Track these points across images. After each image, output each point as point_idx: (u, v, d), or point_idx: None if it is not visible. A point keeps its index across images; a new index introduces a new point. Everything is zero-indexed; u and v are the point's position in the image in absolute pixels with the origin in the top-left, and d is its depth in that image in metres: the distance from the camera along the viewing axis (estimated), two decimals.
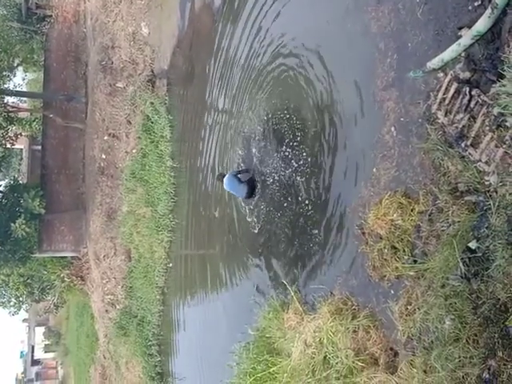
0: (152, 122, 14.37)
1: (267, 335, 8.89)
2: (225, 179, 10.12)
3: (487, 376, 4.61)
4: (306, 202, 8.75)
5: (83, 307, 20.98)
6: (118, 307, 16.96)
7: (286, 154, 9.24)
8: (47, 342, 31.08)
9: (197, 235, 12.91)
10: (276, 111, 9.58)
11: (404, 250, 6.39)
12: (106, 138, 17.58)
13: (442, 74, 5.97)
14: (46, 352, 32.62)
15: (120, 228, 16.34)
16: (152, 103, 14.26)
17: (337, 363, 7.02)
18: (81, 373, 21.93)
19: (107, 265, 17.50)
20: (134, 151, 15.58)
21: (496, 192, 4.96)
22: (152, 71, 14.75)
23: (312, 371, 7.46)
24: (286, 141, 9.23)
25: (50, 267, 20.51)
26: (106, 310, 17.82)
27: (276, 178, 9.61)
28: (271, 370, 8.49)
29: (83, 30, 20.58)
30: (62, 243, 19.39)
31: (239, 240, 11.00)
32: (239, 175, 10.21)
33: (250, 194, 10.06)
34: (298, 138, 8.95)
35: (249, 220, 10.58)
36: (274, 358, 8.51)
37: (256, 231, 10.34)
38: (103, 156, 17.82)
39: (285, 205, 9.33)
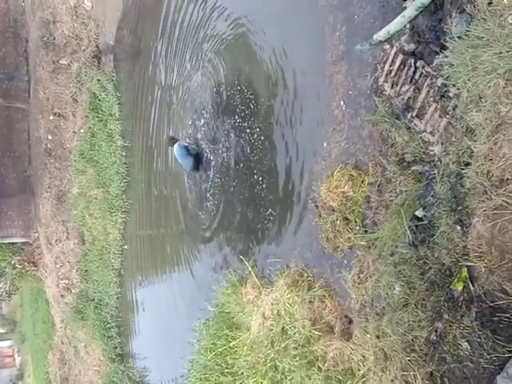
0: (99, 100, 13.87)
1: (226, 311, 8.96)
2: (175, 146, 10.31)
3: (434, 338, 4.84)
4: (260, 178, 8.77)
5: (37, 293, 20.41)
6: (73, 291, 16.59)
7: (237, 128, 9.19)
8: (2, 331, 30.20)
9: (152, 215, 12.74)
10: (227, 83, 9.47)
11: (355, 221, 6.54)
12: (51, 117, 16.84)
13: (388, 46, 6.04)
14: (0, 340, 31.76)
15: (71, 211, 15.86)
16: (98, 80, 13.74)
17: (294, 333, 7.19)
18: (39, 359, 21.49)
19: (60, 249, 17.01)
20: (81, 131, 15.02)
21: (440, 161, 5.13)
22: (97, 47, 14.16)
23: (271, 343, 7.61)
24: (237, 116, 9.16)
25: (0, 254, 19.79)
26: (62, 295, 17.41)
27: (227, 154, 9.57)
28: (231, 344, 8.60)
29: (21, 4, 19.41)
30: (11, 228, 18.65)
31: (195, 218, 10.94)
32: (189, 148, 10.43)
33: (195, 167, 10.45)
34: (250, 114, 8.90)
35: (204, 197, 10.53)
36: (234, 333, 8.62)
37: (211, 209, 10.31)
38: (49, 137, 17.10)
39: (238, 181, 9.32)
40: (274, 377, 7.44)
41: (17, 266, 19.40)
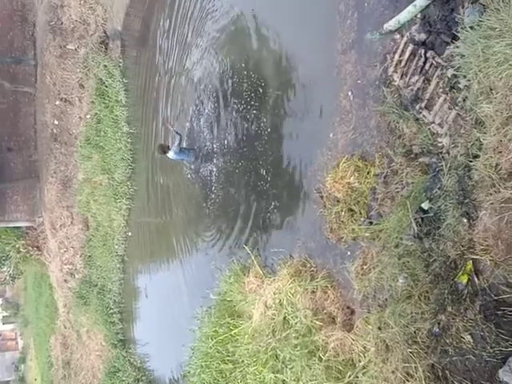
0: (106, 86, 13.81)
1: (228, 299, 8.98)
2: (171, 151, 10.32)
3: (437, 330, 4.82)
4: (265, 167, 8.74)
5: (41, 277, 20.54)
6: (77, 276, 16.67)
7: (243, 117, 9.14)
8: (5, 314, 30.49)
9: (156, 202, 12.73)
10: (234, 70, 9.40)
11: (360, 212, 6.52)
12: (57, 102, 16.80)
13: (398, 36, 5.97)
14: (4, 324, 32.05)
15: (76, 196, 15.87)
16: (105, 66, 13.66)
17: (296, 323, 7.20)
18: (41, 343, 21.68)
19: (64, 234, 17.06)
20: (87, 116, 14.99)
21: (448, 153, 5.08)
22: (105, 32, 14.05)
23: (272, 332, 7.63)
24: (243, 103, 9.10)
25: (4, 238, 19.84)
26: (65, 280, 17.50)
27: (232, 142, 9.55)
28: (233, 332, 8.62)
29: None
30: (16, 213, 18.70)
31: (198, 207, 10.93)
32: (182, 148, 10.58)
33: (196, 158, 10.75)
34: (257, 102, 8.85)
35: (208, 187, 10.51)
36: (236, 321, 8.64)
37: (216, 198, 10.30)
38: (56, 122, 17.07)
39: (243, 170, 9.30)
40: (275, 365, 7.46)
41: (21, 250, 19.48)
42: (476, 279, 4.51)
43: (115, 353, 14.07)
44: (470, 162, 4.59)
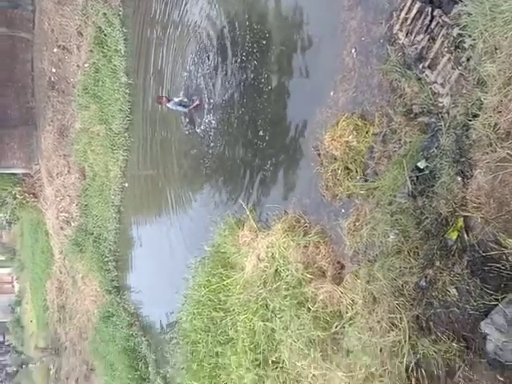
0: (105, 35, 13.51)
1: (222, 251, 9.16)
2: (171, 103, 10.70)
3: (424, 283, 5.00)
4: (264, 122, 8.73)
5: (37, 224, 20.68)
6: (73, 224, 16.81)
7: (244, 72, 9.04)
8: (1, 258, 30.80)
9: (153, 155, 12.74)
10: (237, 21, 9.23)
11: (356, 171, 6.60)
12: (55, 50, 16.45)
13: None
14: (0, 267, 32.41)
15: (73, 145, 15.80)
16: (105, 14, 13.31)
17: (287, 275, 7.39)
18: (37, 287, 22.07)
19: (61, 182, 17.08)
20: (85, 65, 14.72)
21: (448, 113, 5.12)
22: None
23: (264, 283, 7.84)
24: (245, 58, 8.98)
25: (1, 184, 19.87)
26: (61, 228, 17.65)
27: (232, 97, 9.48)
28: (225, 282, 8.85)
29: None
30: (13, 159, 18.62)
31: (196, 160, 10.96)
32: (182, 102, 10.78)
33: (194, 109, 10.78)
34: (259, 57, 8.74)
35: (206, 141, 10.51)
36: (228, 272, 8.84)
37: (213, 152, 10.32)
38: (53, 69, 16.77)
39: (241, 125, 9.29)
40: (265, 314, 7.70)
41: (17, 196, 19.51)
42: (466, 236, 4.64)
43: (109, 298, 14.40)
44: (469, 121, 4.64)
